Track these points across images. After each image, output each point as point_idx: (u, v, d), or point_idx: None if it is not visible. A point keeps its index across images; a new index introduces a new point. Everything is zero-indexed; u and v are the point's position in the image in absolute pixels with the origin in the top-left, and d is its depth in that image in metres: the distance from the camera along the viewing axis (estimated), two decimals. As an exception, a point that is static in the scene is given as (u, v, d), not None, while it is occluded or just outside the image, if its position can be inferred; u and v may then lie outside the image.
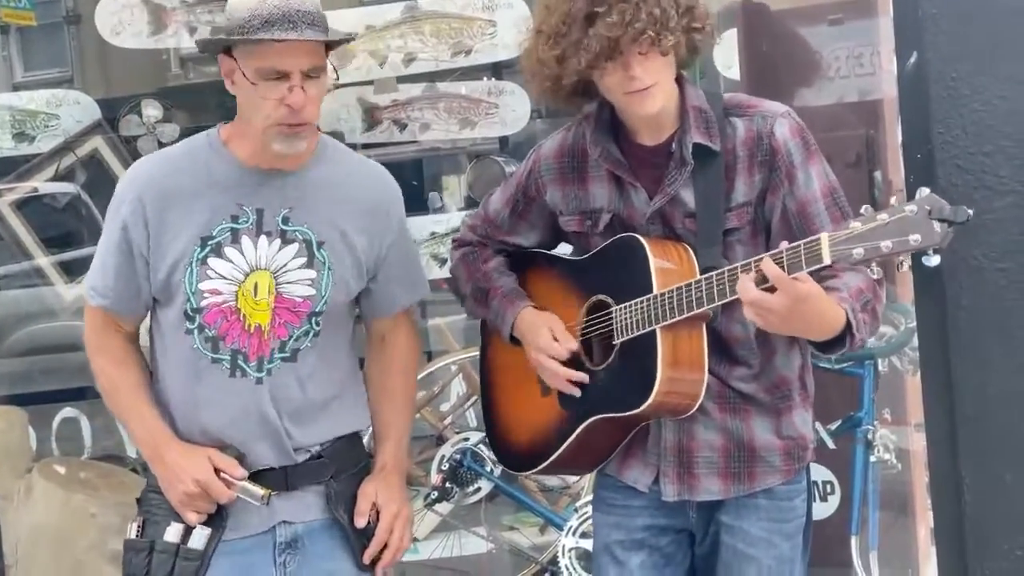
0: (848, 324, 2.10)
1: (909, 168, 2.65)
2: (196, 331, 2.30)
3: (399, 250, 2.48)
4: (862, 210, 2.00)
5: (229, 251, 2.29)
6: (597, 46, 2.13)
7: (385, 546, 2.42)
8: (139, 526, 2.35)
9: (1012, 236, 2.54)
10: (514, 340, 2.44)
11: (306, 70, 2.22)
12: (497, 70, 4.79)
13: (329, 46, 2.29)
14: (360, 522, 2.38)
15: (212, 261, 2.28)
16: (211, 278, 2.28)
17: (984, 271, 2.54)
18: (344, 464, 2.43)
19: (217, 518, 2.30)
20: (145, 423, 2.35)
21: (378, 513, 2.41)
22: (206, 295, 2.28)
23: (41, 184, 4.97)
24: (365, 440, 2.60)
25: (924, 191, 1.95)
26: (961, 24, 2.56)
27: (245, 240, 2.30)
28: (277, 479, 2.34)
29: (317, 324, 2.34)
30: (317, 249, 2.33)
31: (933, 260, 1.95)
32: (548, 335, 2.36)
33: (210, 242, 2.29)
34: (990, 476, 2.60)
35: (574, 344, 2.35)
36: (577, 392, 2.34)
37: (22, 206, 5.11)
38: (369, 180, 2.46)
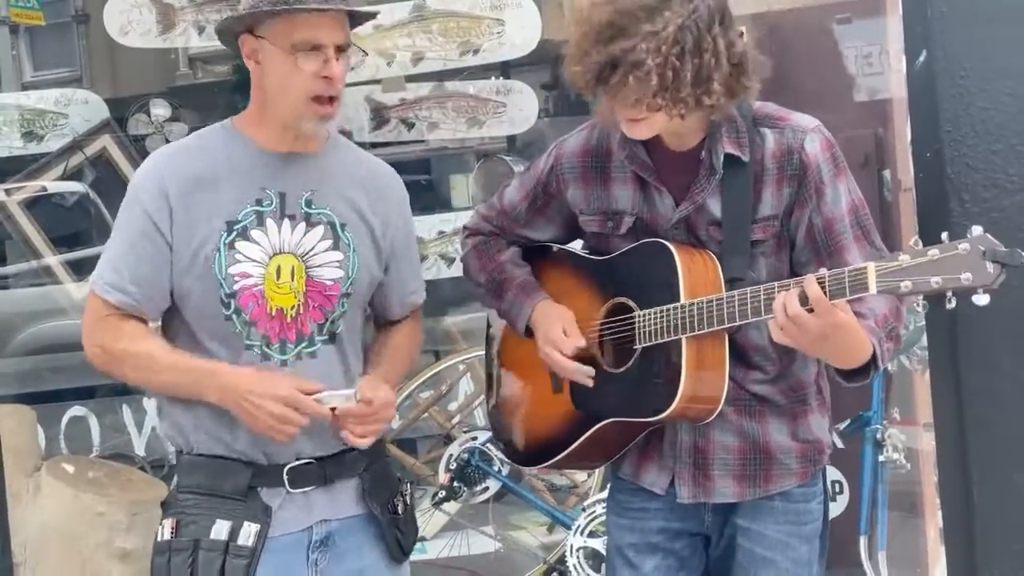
0: (873, 356, 2.09)
1: (918, 167, 2.65)
2: (235, 315, 2.27)
3: (409, 245, 2.51)
4: (911, 242, 1.99)
5: (255, 234, 2.28)
6: (607, 91, 2.11)
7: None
8: (173, 527, 2.28)
9: (1022, 234, 2.53)
10: (528, 333, 2.44)
11: (339, 44, 2.26)
12: (505, 69, 4.79)
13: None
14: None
15: (240, 244, 2.27)
16: (240, 261, 2.27)
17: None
18: (373, 457, 2.42)
19: (263, 514, 2.28)
20: (202, 367, 2.26)
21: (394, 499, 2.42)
22: (237, 279, 2.26)
23: (50, 183, 4.99)
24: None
25: (977, 230, 1.94)
26: (970, 23, 2.55)
27: (270, 223, 2.30)
28: (315, 474, 2.33)
29: (345, 306, 2.35)
30: (341, 231, 2.34)
31: (982, 299, 1.94)
32: (559, 329, 2.36)
33: (236, 226, 2.28)
34: (999, 476, 2.59)
35: (582, 342, 2.35)
36: (589, 382, 2.34)
37: (31, 205, 5.12)
38: (380, 169, 2.49)
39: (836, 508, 3.78)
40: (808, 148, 2.22)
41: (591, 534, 3.83)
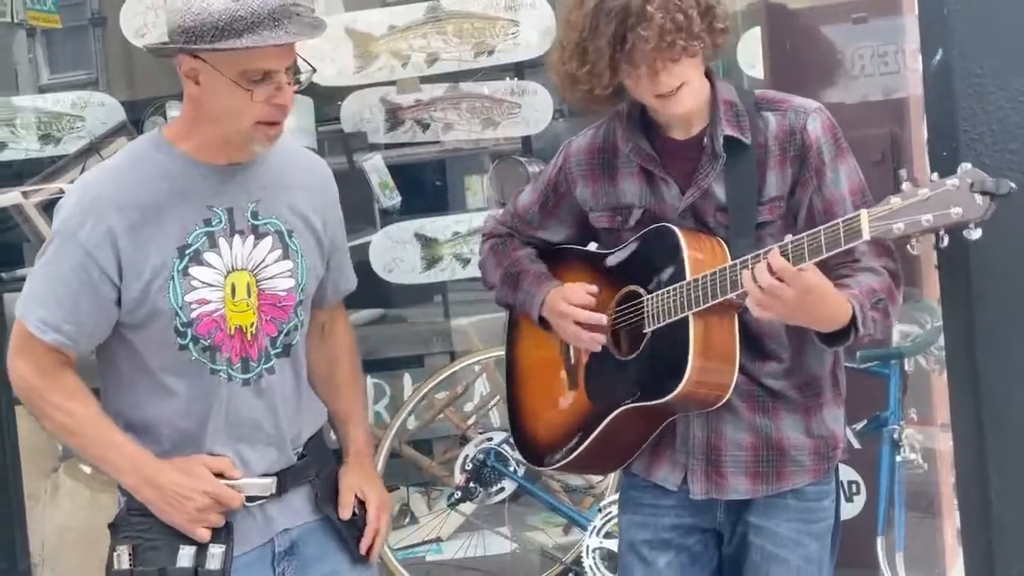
0: (853, 317, 2.10)
1: (934, 166, 2.63)
2: (191, 344, 2.20)
3: (341, 235, 2.46)
4: (903, 187, 2.00)
5: (208, 256, 2.20)
6: (627, 61, 2.15)
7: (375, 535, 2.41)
8: (130, 553, 2.22)
9: (1039, 234, 2.51)
10: (543, 324, 2.44)
11: (289, 65, 2.15)
12: (520, 70, 4.79)
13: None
14: (345, 514, 2.36)
15: (194, 270, 2.18)
16: (196, 288, 2.19)
17: (1011, 269, 2.51)
18: (323, 460, 2.40)
19: (226, 534, 2.21)
20: (125, 451, 2.21)
21: (362, 503, 2.39)
22: (194, 306, 2.18)
23: (66, 186, 4.98)
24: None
25: (966, 165, 1.96)
26: (986, 21, 2.54)
27: (222, 242, 2.21)
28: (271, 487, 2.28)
29: (300, 315, 2.31)
30: (289, 238, 2.28)
31: (974, 234, 1.94)
32: (566, 289, 2.38)
33: (188, 251, 2.18)
34: (1017, 476, 2.58)
35: (592, 287, 2.36)
36: (598, 347, 2.34)
37: (48, 207, 5.13)
38: (310, 162, 2.43)
39: (853, 509, 3.78)
40: (810, 128, 2.24)
41: (607, 535, 3.83)
